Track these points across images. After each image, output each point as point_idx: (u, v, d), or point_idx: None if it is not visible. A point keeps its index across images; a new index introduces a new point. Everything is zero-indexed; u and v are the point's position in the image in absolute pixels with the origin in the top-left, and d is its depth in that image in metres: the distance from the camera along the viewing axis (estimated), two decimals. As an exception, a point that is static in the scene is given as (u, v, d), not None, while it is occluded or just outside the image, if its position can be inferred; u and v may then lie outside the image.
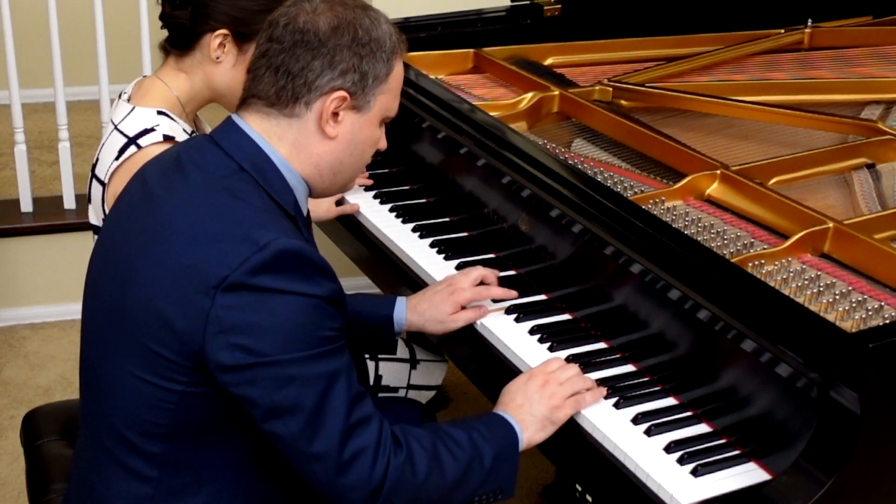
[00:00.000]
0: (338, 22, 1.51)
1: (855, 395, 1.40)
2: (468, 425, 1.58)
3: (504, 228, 2.06)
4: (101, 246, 1.61)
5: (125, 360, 1.48)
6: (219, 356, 1.40)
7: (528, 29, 2.72)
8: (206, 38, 2.02)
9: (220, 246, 1.41)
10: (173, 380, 1.45)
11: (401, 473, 1.46)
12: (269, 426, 1.43)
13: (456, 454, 1.52)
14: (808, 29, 2.81)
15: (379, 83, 1.54)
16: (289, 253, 1.41)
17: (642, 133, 2.18)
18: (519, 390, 1.65)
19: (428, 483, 1.49)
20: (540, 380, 1.65)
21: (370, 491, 1.45)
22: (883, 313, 1.61)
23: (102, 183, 2.02)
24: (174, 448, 1.49)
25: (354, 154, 1.58)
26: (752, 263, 1.72)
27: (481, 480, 1.55)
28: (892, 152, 2.15)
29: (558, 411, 1.62)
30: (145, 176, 1.58)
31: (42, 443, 2.05)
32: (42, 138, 4.40)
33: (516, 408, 1.62)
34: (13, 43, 3.33)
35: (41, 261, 3.47)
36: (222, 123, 1.57)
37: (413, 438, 1.51)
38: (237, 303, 1.39)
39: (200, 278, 1.40)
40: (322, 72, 1.50)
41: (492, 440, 1.56)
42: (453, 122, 2.20)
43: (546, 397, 1.62)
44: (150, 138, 1.98)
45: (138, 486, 1.51)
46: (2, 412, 3.07)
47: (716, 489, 1.48)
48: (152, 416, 1.48)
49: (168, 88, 2.06)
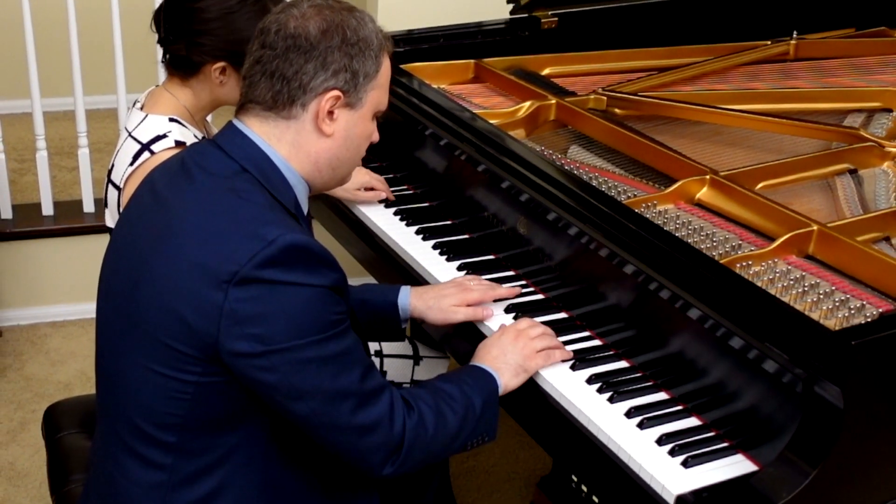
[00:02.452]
0: (327, 25, 1.51)
1: (838, 390, 1.40)
2: (457, 379, 1.64)
3: (503, 231, 2.07)
4: (114, 247, 1.61)
5: (140, 355, 1.49)
6: (235, 346, 1.42)
7: (526, 41, 2.72)
8: (206, 67, 2.02)
9: (228, 244, 1.42)
10: (188, 371, 1.45)
11: (415, 432, 1.53)
12: (290, 407, 1.45)
13: (455, 408, 1.59)
14: (794, 40, 2.81)
15: (369, 80, 1.55)
16: (295, 247, 1.42)
17: (635, 140, 2.18)
18: (494, 344, 1.72)
19: (436, 437, 1.56)
20: (512, 334, 1.72)
21: (390, 451, 1.51)
22: (865, 312, 1.61)
23: (118, 188, 2.02)
24: (189, 437, 1.50)
25: (351, 149, 1.59)
26: (740, 264, 1.72)
27: (473, 427, 1.61)
28: (873, 158, 2.16)
29: (530, 361, 1.70)
30: (153, 180, 1.59)
31: (62, 435, 2.05)
32: (62, 145, 4.40)
33: (492, 359, 1.69)
34: (35, 54, 3.34)
35: (62, 262, 3.48)
36: (224, 128, 1.57)
37: (419, 400, 1.56)
38: (249, 295, 1.40)
39: (212, 275, 1.41)
40: (316, 74, 1.50)
41: (479, 391, 1.63)
42: (455, 130, 2.20)
43: (519, 349, 1.70)
44: (163, 144, 1.98)
45: (154, 473, 1.52)
46: (24, 406, 3.07)
47: (705, 479, 1.48)
48: (168, 408, 1.48)
49: (176, 99, 2.06)
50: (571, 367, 1.73)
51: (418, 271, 2.08)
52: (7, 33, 4.10)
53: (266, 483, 1.56)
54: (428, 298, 1.87)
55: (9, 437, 2.94)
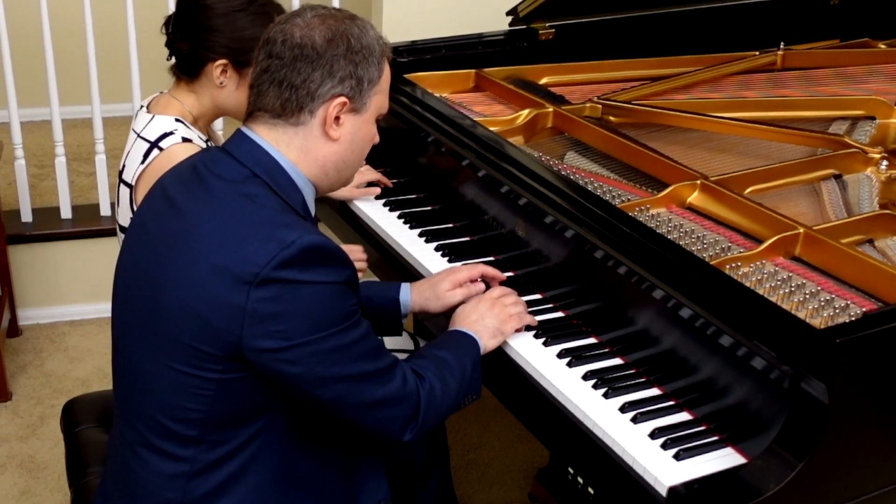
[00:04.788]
0: (332, 34, 1.51)
1: (823, 386, 1.40)
2: (447, 345, 1.71)
3: (503, 234, 2.07)
4: (128, 250, 1.61)
5: (161, 355, 1.48)
6: (259, 343, 1.43)
7: (524, 51, 2.72)
8: (208, 66, 2.04)
9: (247, 247, 1.42)
10: (209, 370, 1.46)
11: (428, 399, 1.59)
12: (316, 393, 1.48)
13: (453, 373, 1.65)
14: (781, 51, 2.82)
15: (373, 85, 1.56)
16: (312, 248, 1.44)
17: (629, 146, 2.18)
18: (473, 310, 1.79)
19: (444, 401, 1.62)
20: (488, 301, 1.80)
21: (408, 419, 1.56)
22: (849, 311, 1.61)
23: (130, 186, 2.04)
24: (210, 429, 1.50)
25: (356, 151, 1.60)
26: (730, 265, 1.73)
27: (466, 388, 1.68)
28: (857, 164, 2.16)
29: (505, 324, 1.77)
30: (165, 185, 1.59)
31: (80, 429, 2.05)
32: (80, 151, 4.41)
33: (471, 323, 1.76)
34: (54, 65, 3.34)
35: (79, 263, 3.48)
36: (233, 135, 1.57)
37: (426, 369, 1.62)
38: (270, 295, 1.41)
39: (232, 277, 1.41)
40: (323, 81, 1.51)
41: (466, 354, 1.70)
42: (456, 137, 2.20)
43: (495, 314, 1.77)
44: (171, 140, 2.01)
45: (174, 465, 1.52)
46: (44, 401, 3.07)
47: (696, 472, 1.48)
48: (190, 404, 1.48)
49: (181, 104, 2.10)
50: (568, 365, 1.73)
51: (420, 272, 2.08)
52: (27, 45, 4.10)
53: (282, 469, 1.57)
54: (424, 290, 1.89)
55: (29, 430, 2.94)
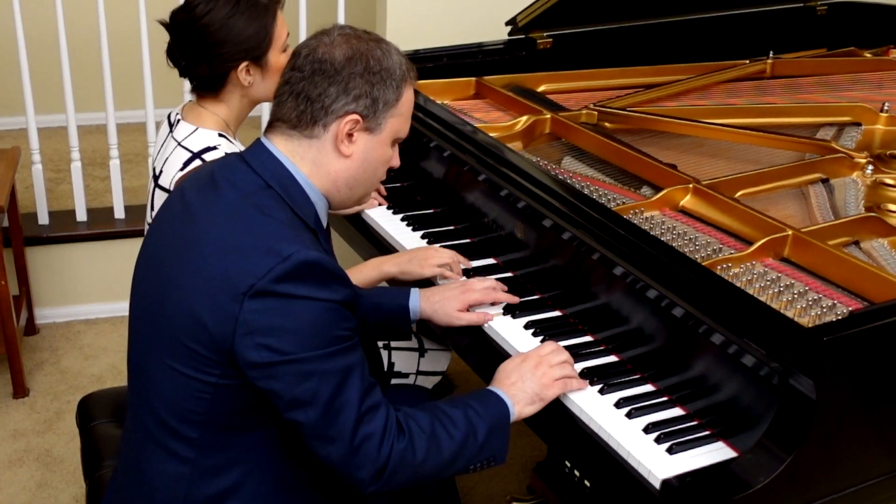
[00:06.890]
0: (352, 53, 1.50)
1: (811, 383, 1.40)
2: (464, 403, 1.57)
3: (502, 236, 2.07)
4: (145, 252, 1.61)
5: (166, 355, 1.48)
6: (247, 354, 1.40)
7: (523, 60, 2.73)
8: (232, 74, 2.02)
9: (248, 258, 1.41)
10: (208, 373, 1.45)
11: (402, 455, 1.47)
12: (291, 415, 1.43)
13: (452, 433, 1.52)
14: (770, 60, 2.82)
15: (389, 107, 1.54)
16: (308, 263, 1.40)
17: (624, 152, 2.18)
18: (514, 370, 1.65)
19: (426, 461, 1.50)
20: (534, 361, 1.65)
21: (376, 470, 1.45)
22: (836, 310, 1.61)
23: (167, 191, 2.03)
24: (210, 433, 1.49)
25: (368, 171, 1.57)
26: (721, 266, 1.73)
27: (475, 452, 1.55)
28: (843, 168, 2.16)
29: (547, 390, 1.62)
30: (184, 189, 1.58)
31: (95, 424, 2.06)
32: (95, 156, 4.41)
33: (510, 385, 1.62)
34: (70, 72, 3.34)
35: (94, 264, 3.48)
36: (252, 145, 1.56)
37: (414, 423, 1.51)
38: (263, 307, 1.39)
39: (231, 286, 1.40)
40: (337, 97, 1.49)
41: (485, 416, 1.56)
42: (457, 142, 2.20)
43: (538, 377, 1.63)
44: (214, 154, 1.99)
45: (177, 465, 1.52)
46: (60, 397, 3.08)
47: (689, 465, 1.48)
48: (191, 405, 1.48)
49: (216, 115, 2.07)
50: (565, 362, 1.73)
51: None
52: (44, 54, 4.10)
53: (280, 482, 1.55)
54: (434, 301, 1.86)
55: (46, 425, 2.94)
